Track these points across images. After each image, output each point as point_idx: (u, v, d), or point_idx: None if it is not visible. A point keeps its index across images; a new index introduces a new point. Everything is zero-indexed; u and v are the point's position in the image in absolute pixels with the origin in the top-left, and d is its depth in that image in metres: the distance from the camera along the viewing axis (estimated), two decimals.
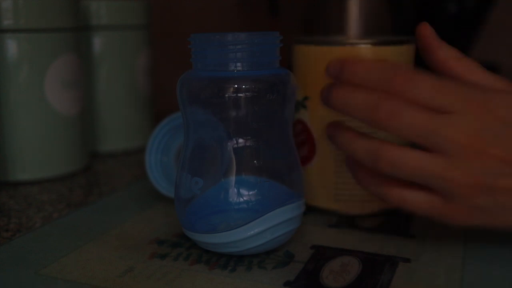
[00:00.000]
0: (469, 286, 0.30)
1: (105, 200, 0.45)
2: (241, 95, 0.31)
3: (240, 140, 0.32)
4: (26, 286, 0.30)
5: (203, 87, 0.32)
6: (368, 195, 0.40)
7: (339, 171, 0.40)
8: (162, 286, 0.30)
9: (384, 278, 0.31)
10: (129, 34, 0.60)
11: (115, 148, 0.61)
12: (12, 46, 0.48)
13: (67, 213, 0.42)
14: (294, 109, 0.36)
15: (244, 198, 0.32)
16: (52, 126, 0.51)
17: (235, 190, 0.32)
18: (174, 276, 0.31)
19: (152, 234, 0.37)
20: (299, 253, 0.34)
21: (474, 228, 0.32)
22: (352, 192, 0.40)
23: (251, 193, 0.32)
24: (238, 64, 0.32)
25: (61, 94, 0.51)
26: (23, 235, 0.38)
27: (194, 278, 0.31)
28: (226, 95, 0.31)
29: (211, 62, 0.32)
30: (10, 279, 0.31)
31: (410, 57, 0.41)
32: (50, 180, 0.51)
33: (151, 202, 0.44)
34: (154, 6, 0.87)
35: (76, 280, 0.31)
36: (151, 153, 0.43)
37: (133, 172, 0.54)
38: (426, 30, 0.34)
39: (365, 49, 0.38)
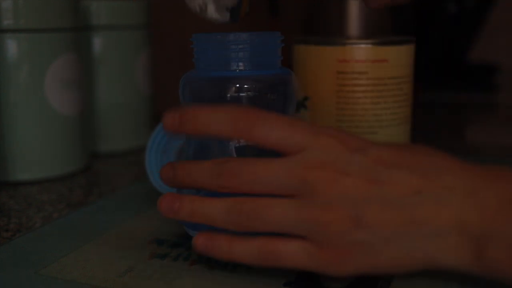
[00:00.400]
0: (468, 286, 0.30)
1: (105, 200, 0.45)
2: (243, 94, 0.31)
3: (242, 140, 0.32)
4: (26, 286, 0.30)
5: (205, 87, 0.32)
6: None
7: None
8: (162, 286, 0.30)
9: (384, 278, 0.31)
10: (129, 34, 0.60)
11: (115, 148, 0.61)
12: (12, 46, 0.48)
13: (67, 213, 0.42)
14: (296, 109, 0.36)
15: None
16: (52, 126, 0.51)
17: None
18: (174, 276, 0.31)
19: (152, 234, 0.37)
20: None
21: (363, 275, 0.28)
22: None
23: None
24: (240, 64, 0.32)
25: (61, 94, 0.51)
26: (23, 235, 0.38)
27: (194, 278, 0.31)
28: (228, 95, 0.31)
29: (213, 62, 0.32)
30: (10, 279, 0.31)
31: (410, 57, 0.41)
32: (50, 180, 0.51)
33: (151, 202, 0.44)
34: (154, 6, 0.87)
35: (76, 280, 0.31)
36: (151, 153, 0.43)
37: (133, 172, 0.54)
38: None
39: (365, 49, 0.38)
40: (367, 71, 0.38)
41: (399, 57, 0.39)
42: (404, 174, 0.27)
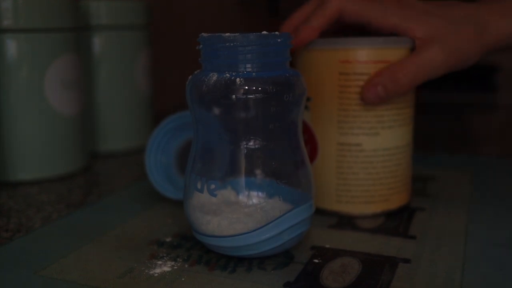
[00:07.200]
0: (468, 286, 0.30)
1: (105, 201, 0.45)
2: (250, 96, 0.31)
3: (250, 142, 0.32)
4: (25, 287, 0.30)
5: (212, 88, 0.32)
6: (369, 196, 0.40)
7: (340, 172, 0.40)
8: (161, 287, 0.30)
9: (384, 278, 0.31)
10: (129, 34, 0.60)
11: (115, 148, 0.61)
12: (12, 46, 0.48)
13: (67, 213, 0.42)
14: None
15: (258, 201, 0.32)
16: (52, 126, 0.51)
17: (246, 192, 0.32)
18: (174, 277, 0.31)
19: (152, 235, 0.37)
20: (299, 254, 0.34)
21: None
22: (353, 193, 0.40)
23: (264, 195, 0.32)
24: (248, 65, 0.31)
25: (61, 94, 0.51)
26: (22, 236, 0.38)
27: (194, 279, 0.31)
28: (236, 97, 0.31)
29: (220, 63, 0.32)
30: (10, 280, 0.31)
31: None
32: (50, 180, 0.51)
33: (151, 202, 0.44)
34: (154, 6, 0.87)
35: (76, 281, 0.31)
36: (151, 154, 0.43)
37: (133, 172, 0.54)
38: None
39: (367, 50, 0.38)
40: (369, 72, 0.38)
41: (400, 58, 0.39)
42: None
